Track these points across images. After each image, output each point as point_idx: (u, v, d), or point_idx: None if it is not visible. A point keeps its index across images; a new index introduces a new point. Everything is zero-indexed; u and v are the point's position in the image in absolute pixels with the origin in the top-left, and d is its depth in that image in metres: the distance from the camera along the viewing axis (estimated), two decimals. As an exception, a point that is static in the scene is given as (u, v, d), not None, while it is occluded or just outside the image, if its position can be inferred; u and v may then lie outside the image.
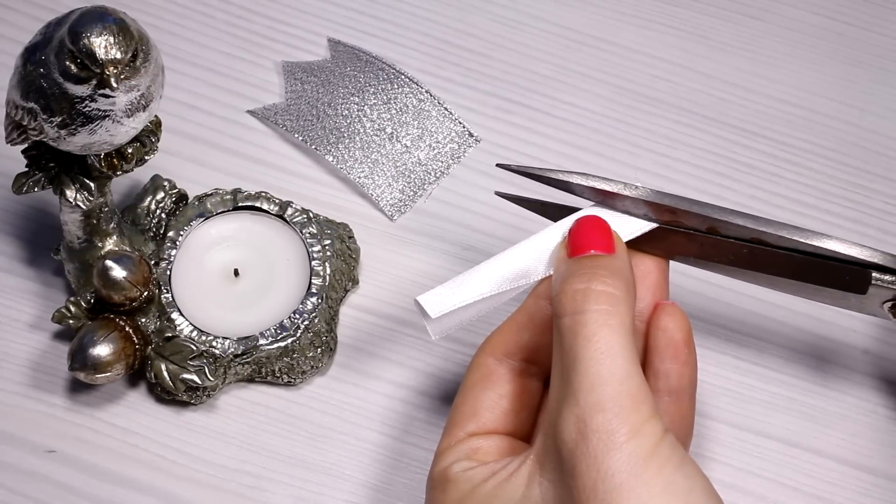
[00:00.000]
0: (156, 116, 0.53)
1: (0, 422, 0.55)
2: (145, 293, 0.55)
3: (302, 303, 0.56)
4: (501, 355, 0.50)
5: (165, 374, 0.55)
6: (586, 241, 0.48)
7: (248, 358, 0.55)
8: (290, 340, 0.56)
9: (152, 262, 0.57)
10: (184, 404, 0.56)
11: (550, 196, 0.52)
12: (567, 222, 0.50)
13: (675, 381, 0.49)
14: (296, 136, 0.63)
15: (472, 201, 0.62)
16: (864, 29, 0.68)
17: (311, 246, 0.58)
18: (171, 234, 0.58)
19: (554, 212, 0.51)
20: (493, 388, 0.50)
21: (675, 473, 0.43)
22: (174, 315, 0.56)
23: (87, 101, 0.48)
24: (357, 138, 0.62)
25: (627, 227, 0.50)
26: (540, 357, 0.50)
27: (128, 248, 0.56)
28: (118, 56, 0.47)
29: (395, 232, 0.61)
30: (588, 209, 0.51)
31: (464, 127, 0.63)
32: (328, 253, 0.58)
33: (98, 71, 0.47)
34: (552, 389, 0.46)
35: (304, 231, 0.58)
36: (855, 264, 0.50)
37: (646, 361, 0.50)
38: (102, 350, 0.53)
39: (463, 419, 0.49)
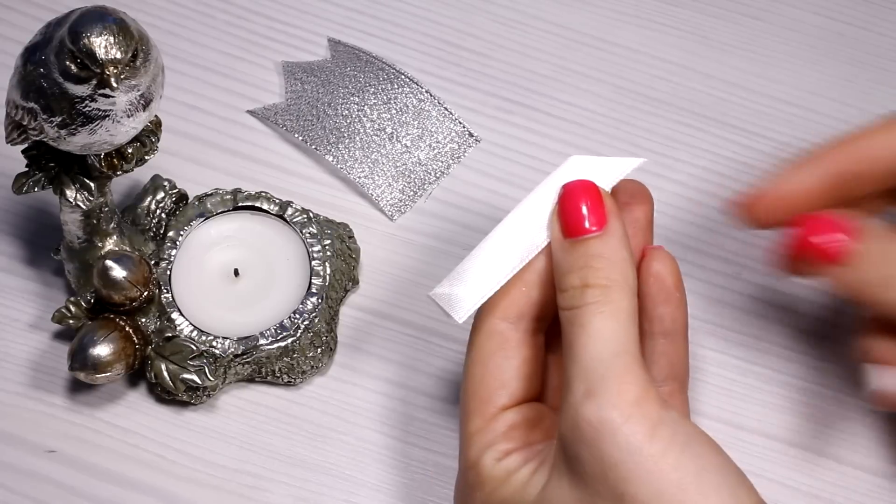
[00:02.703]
0: (156, 116, 0.53)
1: (0, 422, 0.55)
2: (145, 293, 0.55)
3: (302, 303, 0.56)
4: (515, 318, 0.49)
5: (165, 374, 0.55)
6: (578, 217, 0.47)
7: (248, 358, 0.55)
8: (290, 340, 0.56)
9: (152, 262, 0.57)
10: (184, 404, 0.56)
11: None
12: (558, 177, 0.49)
13: (669, 324, 0.50)
14: (296, 136, 0.63)
15: (472, 201, 0.62)
16: (864, 29, 0.68)
17: (311, 246, 0.58)
18: (171, 234, 0.58)
19: None
20: (514, 356, 0.49)
21: (681, 456, 0.43)
22: (174, 315, 0.56)
23: (87, 101, 0.48)
24: (357, 138, 0.62)
25: (617, 168, 0.50)
26: (549, 311, 0.49)
27: (128, 248, 0.56)
28: (118, 56, 0.47)
29: (395, 232, 0.61)
30: (575, 160, 0.50)
31: (464, 127, 0.63)
32: (328, 253, 0.58)
33: (98, 71, 0.47)
34: (563, 383, 0.46)
35: (304, 231, 0.58)
36: None
37: (640, 307, 0.49)
38: (102, 350, 0.53)
39: (491, 393, 0.48)
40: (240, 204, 0.59)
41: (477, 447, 0.48)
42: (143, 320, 0.56)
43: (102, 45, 0.47)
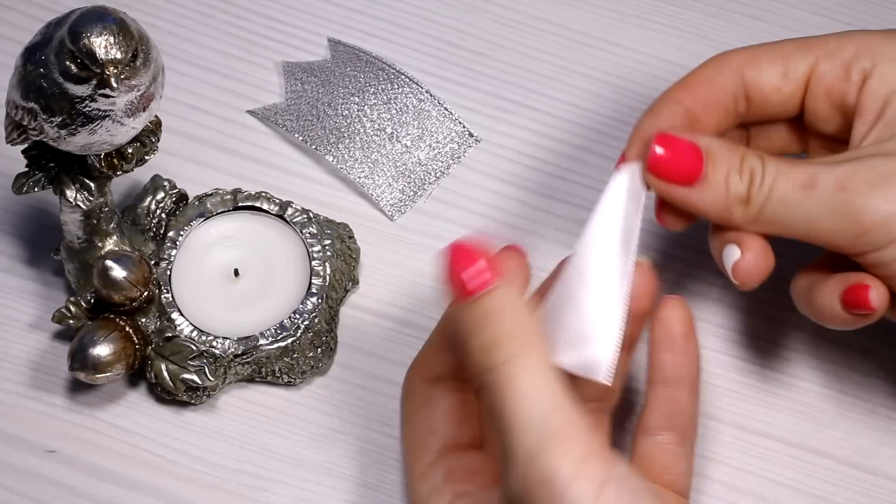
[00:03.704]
0: (156, 116, 0.53)
1: (0, 422, 0.55)
2: (145, 293, 0.55)
3: (302, 303, 0.56)
4: (433, 379, 0.50)
5: (165, 374, 0.55)
6: (461, 282, 0.45)
7: (248, 358, 0.55)
8: (290, 340, 0.56)
9: (152, 262, 0.57)
10: (184, 404, 0.56)
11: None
12: (619, 190, 0.49)
13: (671, 372, 0.50)
14: (296, 136, 0.63)
15: (472, 201, 0.62)
16: (864, 29, 0.68)
17: (311, 246, 0.58)
18: (171, 234, 0.58)
19: None
20: (437, 406, 0.50)
21: None
22: (174, 315, 0.56)
23: (87, 101, 0.48)
24: (357, 138, 0.62)
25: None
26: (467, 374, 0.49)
27: (128, 248, 0.56)
28: (118, 56, 0.47)
29: (395, 232, 0.61)
30: (630, 168, 0.50)
31: (464, 127, 0.64)
32: (328, 253, 0.58)
33: (98, 71, 0.47)
34: (498, 449, 0.45)
35: (304, 231, 0.58)
36: None
37: (650, 353, 0.50)
38: (102, 350, 0.53)
39: (424, 441, 0.50)
40: (240, 204, 0.59)
41: (422, 492, 0.49)
42: (143, 320, 0.56)
43: (102, 45, 0.47)
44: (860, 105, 0.51)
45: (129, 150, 0.53)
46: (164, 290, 0.56)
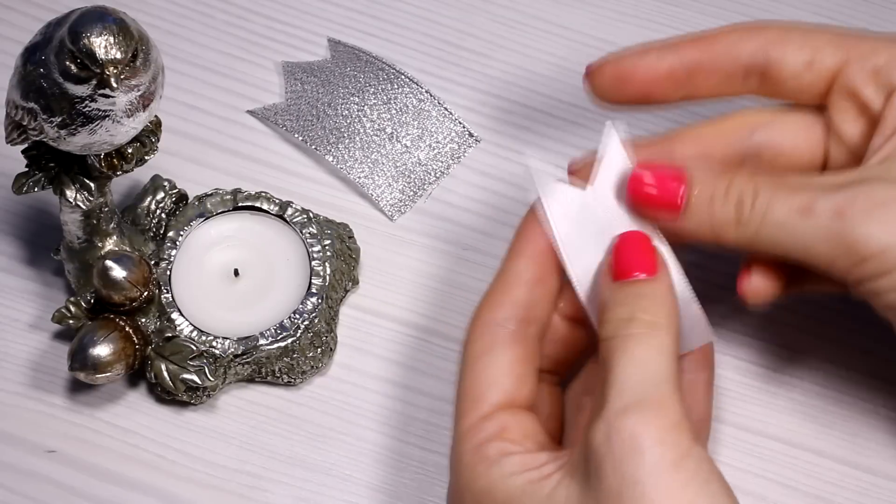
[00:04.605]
0: (156, 116, 0.53)
1: (0, 422, 0.55)
2: (145, 293, 0.55)
3: (302, 303, 0.56)
4: (501, 319, 0.50)
5: (165, 374, 0.55)
6: (629, 264, 0.48)
7: (248, 358, 0.55)
8: (290, 340, 0.56)
9: (152, 262, 0.57)
10: (184, 404, 0.56)
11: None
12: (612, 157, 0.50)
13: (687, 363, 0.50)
14: (296, 136, 0.63)
15: (472, 201, 0.62)
16: (864, 29, 0.68)
17: (311, 246, 0.58)
18: (171, 234, 0.58)
19: None
20: (502, 354, 0.49)
21: (700, 490, 0.43)
22: (174, 315, 0.56)
23: (87, 101, 0.48)
24: (357, 138, 0.62)
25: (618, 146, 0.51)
26: (534, 313, 0.50)
27: (128, 248, 0.56)
28: (118, 56, 0.47)
29: (395, 232, 0.61)
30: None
31: (464, 127, 0.64)
32: (328, 253, 0.58)
33: (98, 71, 0.47)
34: (593, 403, 0.46)
35: (304, 231, 0.58)
36: None
37: None
38: (102, 350, 0.53)
39: (483, 391, 0.49)
40: (240, 204, 0.59)
41: (472, 441, 0.48)
42: (143, 320, 0.56)
43: (102, 45, 0.47)
44: (883, 116, 0.50)
45: (129, 150, 0.53)
46: (164, 290, 0.56)
